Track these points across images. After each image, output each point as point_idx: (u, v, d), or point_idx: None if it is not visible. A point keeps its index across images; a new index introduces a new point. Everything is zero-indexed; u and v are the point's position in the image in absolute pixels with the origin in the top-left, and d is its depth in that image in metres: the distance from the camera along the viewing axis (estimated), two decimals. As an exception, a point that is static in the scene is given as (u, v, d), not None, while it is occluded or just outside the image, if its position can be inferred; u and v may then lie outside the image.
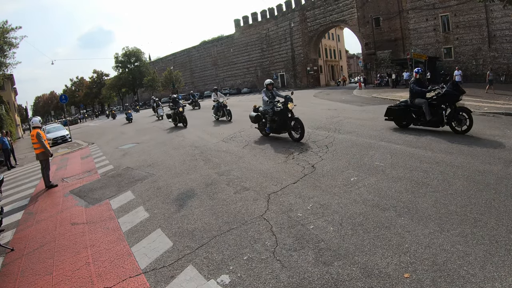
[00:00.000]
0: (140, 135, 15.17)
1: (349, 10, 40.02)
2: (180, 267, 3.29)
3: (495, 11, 26.03)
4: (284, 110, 8.48)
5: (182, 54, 71.74)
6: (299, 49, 48.80)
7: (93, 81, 73.84)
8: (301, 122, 8.18)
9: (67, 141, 19.47)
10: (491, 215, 3.48)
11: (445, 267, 2.71)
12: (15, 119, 37.72)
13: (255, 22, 54.99)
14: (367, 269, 2.81)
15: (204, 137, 11.12)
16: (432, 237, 3.17)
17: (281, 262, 3.10)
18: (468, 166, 5.13)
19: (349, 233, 3.46)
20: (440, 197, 4.08)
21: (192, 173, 6.78)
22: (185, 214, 4.68)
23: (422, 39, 32.26)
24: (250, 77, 57.62)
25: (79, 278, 3.42)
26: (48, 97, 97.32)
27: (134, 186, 6.58)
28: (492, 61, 27.26)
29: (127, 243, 4.05)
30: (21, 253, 4.39)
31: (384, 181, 4.86)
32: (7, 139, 14.04)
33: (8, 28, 20.52)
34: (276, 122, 8.74)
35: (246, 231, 3.84)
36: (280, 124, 8.69)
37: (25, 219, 5.88)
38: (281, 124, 8.65)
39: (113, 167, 8.82)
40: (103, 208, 5.60)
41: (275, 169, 6.21)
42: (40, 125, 8.17)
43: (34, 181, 9.22)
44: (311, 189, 4.90)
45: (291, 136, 8.48)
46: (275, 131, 8.97)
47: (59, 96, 28.64)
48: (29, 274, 3.76)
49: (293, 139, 8.37)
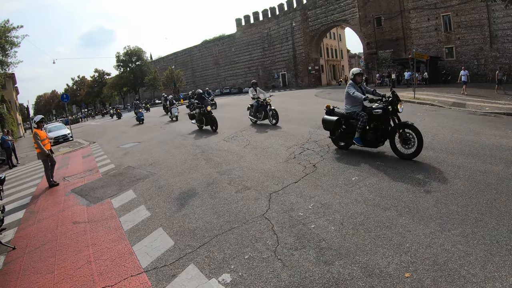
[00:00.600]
0: (142, 134, 15.19)
1: (351, 10, 39.93)
2: (181, 266, 3.30)
3: (497, 10, 25.95)
4: (390, 112, 5.80)
5: (183, 53, 71.77)
6: (300, 49, 48.73)
7: (94, 80, 73.90)
8: (417, 131, 5.51)
9: (68, 140, 19.52)
10: (492, 215, 3.48)
11: (446, 266, 2.71)
12: (17, 118, 37.80)
13: (257, 22, 54.92)
14: (368, 269, 2.81)
15: (205, 136, 11.13)
16: (433, 237, 3.17)
17: (282, 261, 3.11)
18: (469, 166, 5.13)
19: (350, 232, 3.47)
20: (441, 197, 4.08)
21: (194, 172, 6.79)
22: (187, 213, 4.69)
23: (424, 39, 32.18)
24: (251, 76, 57.51)
25: (81, 277, 3.43)
26: (50, 96, 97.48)
27: (136, 185, 6.60)
28: (494, 61, 27.18)
29: (129, 242, 4.06)
30: (23, 251, 4.41)
31: (385, 180, 4.86)
32: (9, 138, 14.09)
33: (10, 27, 20.52)
34: (374, 131, 6.04)
35: (247, 230, 3.85)
36: (381, 134, 5.96)
37: (26, 217, 5.91)
38: (383, 133, 5.95)
39: (115, 166, 8.84)
40: (104, 207, 5.61)
41: (276, 168, 6.21)
42: (35, 124, 8.15)
43: (36, 180, 9.24)
44: (312, 188, 4.91)
45: (398, 153, 5.79)
46: (370, 143, 6.13)
47: (60, 95, 28.67)
48: (30, 272, 3.77)
49: (401, 157, 5.75)
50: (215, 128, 12.02)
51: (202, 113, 12.55)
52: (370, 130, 6.09)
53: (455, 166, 5.21)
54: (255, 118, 12.23)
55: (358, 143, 6.25)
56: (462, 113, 11.87)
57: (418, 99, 16.34)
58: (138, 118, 21.52)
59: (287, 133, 9.62)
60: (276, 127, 10.83)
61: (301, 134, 9.16)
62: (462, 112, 12.03)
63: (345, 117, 6.58)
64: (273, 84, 53.63)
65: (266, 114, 11.67)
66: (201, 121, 12.79)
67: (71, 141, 19.11)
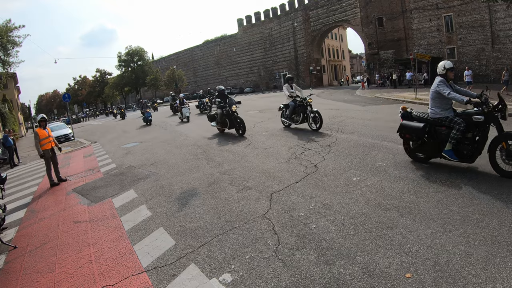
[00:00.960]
0: (143, 134, 15.21)
1: (352, 10, 39.95)
2: (182, 266, 3.30)
3: (498, 11, 25.90)
4: (493, 119, 4.62)
5: (185, 54, 71.92)
6: (302, 49, 48.77)
7: (96, 80, 74.08)
8: None
9: (69, 140, 19.57)
10: (493, 215, 3.47)
11: (447, 267, 2.70)
12: (18, 117, 37.91)
13: (258, 22, 54.99)
14: (369, 269, 2.81)
15: (207, 136, 11.13)
16: (434, 238, 3.17)
17: (283, 261, 3.11)
18: (470, 167, 5.11)
19: (351, 232, 3.46)
20: (442, 197, 4.07)
21: (195, 172, 6.79)
22: (188, 213, 4.69)
23: (425, 39, 32.15)
24: (253, 76, 57.66)
25: (82, 276, 3.44)
26: (51, 96, 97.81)
27: (137, 184, 6.61)
28: (496, 61, 27.16)
29: (130, 242, 4.07)
30: (24, 250, 4.42)
31: (387, 181, 4.85)
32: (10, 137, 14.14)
33: (12, 27, 20.61)
34: (471, 142, 4.85)
35: (248, 230, 3.85)
36: (477, 146, 4.77)
37: (27, 217, 5.92)
38: (478, 145, 4.77)
39: (116, 166, 8.85)
40: (105, 207, 5.62)
41: (278, 168, 6.21)
42: (37, 123, 8.28)
43: (37, 179, 9.27)
44: (313, 188, 4.90)
45: (499, 169, 4.56)
46: (465, 157, 4.90)
47: (62, 94, 28.68)
48: (31, 271, 3.78)
49: (503, 175, 4.49)
50: (242, 131, 10.03)
51: (225, 113, 10.45)
52: (466, 140, 4.86)
53: (457, 166, 5.19)
54: (291, 121, 10.12)
55: (451, 157, 4.93)
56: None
57: (419, 100, 16.31)
58: (146, 118, 19.76)
59: (288, 133, 9.62)
60: (278, 125, 10.82)
61: (302, 134, 9.16)
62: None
63: (430, 124, 5.23)
64: (275, 84, 53.72)
65: (305, 117, 9.70)
66: (223, 124, 10.75)
67: (72, 141, 19.15)
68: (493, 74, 27.17)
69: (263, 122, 12.84)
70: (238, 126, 10.25)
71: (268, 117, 14.12)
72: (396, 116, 5.92)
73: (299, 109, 9.81)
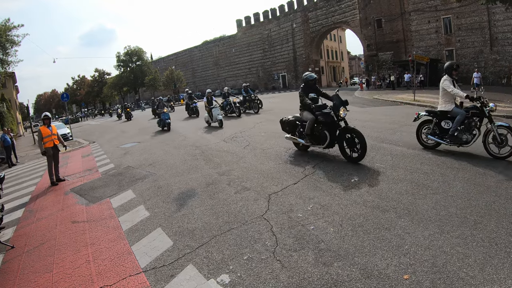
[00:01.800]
0: (142, 134, 15.19)
1: (351, 12, 40.05)
2: (180, 266, 3.30)
3: (497, 13, 26.01)
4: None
5: (183, 54, 71.88)
6: (301, 50, 48.83)
7: (94, 80, 73.90)
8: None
9: (68, 140, 19.50)
10: (491, 217, 3.48)
11: (445, 269, 2.71)
12: (17, 117, 37.80)
13: (257, 23, 55.03)
14: (367, 270, 2.81)
15: (205, 137, 11.14)
16: (432, 239, 3.17)
17: (281, 262, 3.11)
18: (468, 169, 5.13)
19: (349, 234, 3.47)
20: (441, 199, 4.08)
21: (193, 173, 6.79)
22: (186, 213, 4.68)
23: (424, 41, 32.24)
24: (251, 77, 57.62)
25: (79, 276, 3.43)
26: (50, 95, 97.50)
27: (135, 185, 6.60)
28: (494, 63, 27.27)
29: (128, 242, 4.06)
30: (21, 250, 4.40)
31: (385, 182, 4.86)
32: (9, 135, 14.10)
33: (10, 26, 20.57)
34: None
35: (246, 231, 3.85)
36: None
37: (25, 216, 5.90)
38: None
39: (114, 166, 8.84)
40: (103, 207, 5.61)
41: (276, 169, 6.21)
42: (41, 121, 8.28)
43: (35, 179, 9.24)
44: (311, 189, 4.91)
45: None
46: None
47: (60, 94, 28.67)
48: (29, 271, 3.77)
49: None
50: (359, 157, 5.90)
51: (323, 121, 6.35)
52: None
53: (455, 168, 5.22)
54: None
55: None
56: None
57: (418, 101, 16.36)
58: (163, 122, 15.09)
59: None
60: (276, 126, 10.80)
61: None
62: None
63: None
64: (273, 85, 53.74)
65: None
66: (315, 138, 6.64)
67: (70, 141, 19.09)
68: (492, 76, 27.30)
69: (261, 123, 12.85)
70: (350, 147, 6.04)
71: (267, 119, 14.12)
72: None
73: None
